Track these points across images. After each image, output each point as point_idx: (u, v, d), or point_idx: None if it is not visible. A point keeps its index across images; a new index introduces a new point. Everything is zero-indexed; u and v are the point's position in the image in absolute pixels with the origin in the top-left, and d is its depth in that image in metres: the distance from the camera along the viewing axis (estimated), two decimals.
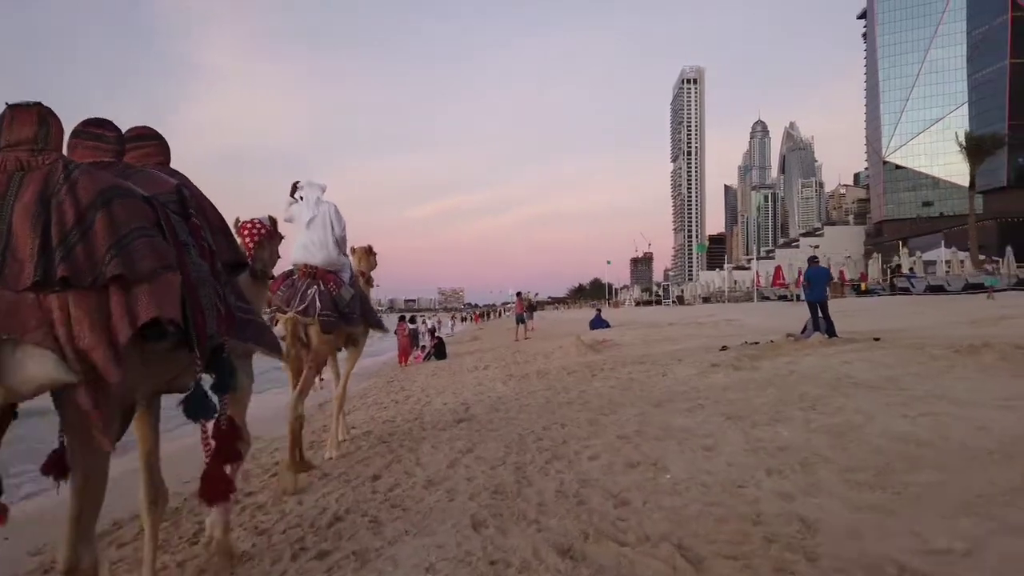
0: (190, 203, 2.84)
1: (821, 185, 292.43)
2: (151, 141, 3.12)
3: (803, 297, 31.94)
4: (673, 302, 62.27)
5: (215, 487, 2.91)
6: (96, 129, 2.81)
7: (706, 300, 60.15)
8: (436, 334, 22.33)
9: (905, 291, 31.89)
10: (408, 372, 14.92)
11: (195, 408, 2.70)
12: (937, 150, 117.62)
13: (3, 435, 2.38)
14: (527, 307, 26.15)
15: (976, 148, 47.49)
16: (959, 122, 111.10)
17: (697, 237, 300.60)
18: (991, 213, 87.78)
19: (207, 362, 2.69)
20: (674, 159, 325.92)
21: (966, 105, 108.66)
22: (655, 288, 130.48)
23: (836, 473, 3.92)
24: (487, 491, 4.50)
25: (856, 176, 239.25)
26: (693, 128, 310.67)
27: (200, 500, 3.02)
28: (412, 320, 22.32)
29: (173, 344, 2.47)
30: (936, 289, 30.71)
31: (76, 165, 2.33)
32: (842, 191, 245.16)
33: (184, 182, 2.96)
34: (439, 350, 19.35)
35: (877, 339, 10.37)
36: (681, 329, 18.64)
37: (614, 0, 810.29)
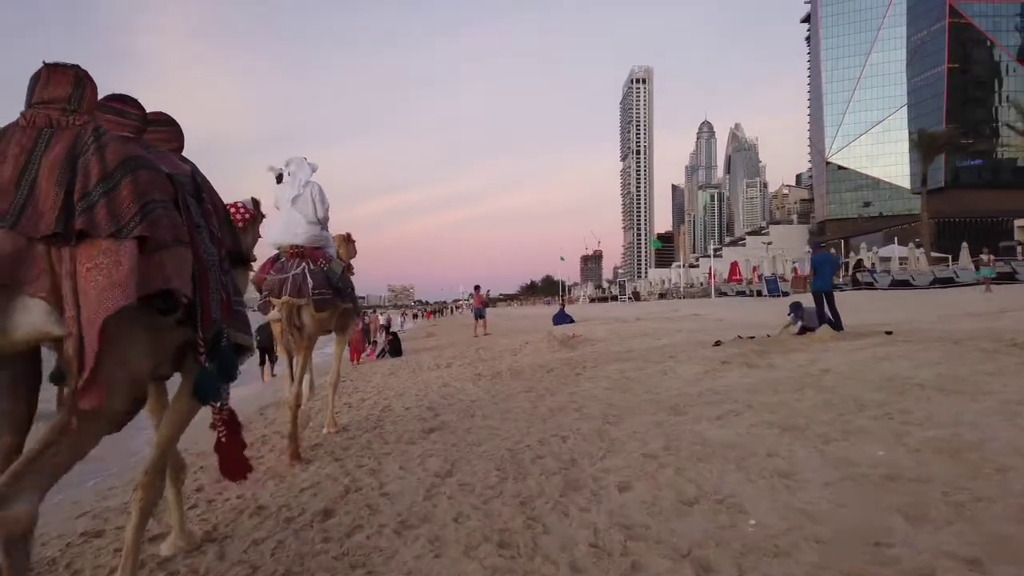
0: (203, 189, 2.91)
1: (765, 185, 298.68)
2: (167, 126, 3.10)
3: (766, 291, 31.93)
4: (629, 298, 61.61)
5: (237, 465, 3.17)
6: (118, 104, 2.72)
7: (662, 296, 59.77)
8: (391, 330, 20.76)
9: (869, 286, 31.59)
10: (361, 371, 13.40)
11: (205, 390, 2.80)
12: (878, 151, 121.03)
13: (36, 395, 2.31)
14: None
15: (929, 145, 47.92)
16: (899, 124, 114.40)
17: (647, 235, 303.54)
18: (930, 213, 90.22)
19: (211, 350, 2.73)
20: (623, 158, 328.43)
21: (905, 108, 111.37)
22: (607, 285, 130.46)
23: (1009, 518, 2.70)
24: (488, 542, 3.18)
25: (798, 177, 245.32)
26: (642, 127, 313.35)
27: (222, 477, 3.27)
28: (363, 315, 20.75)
29: (177, 321, 2.52)
30: (901, 284, 30.44)
31: (106, 132, 2.36)
32: (785, 191, 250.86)
33: (195, 169, 3.00)
34: (394, 347, 17.83)
35: (889, 332, 9.35)
36: (653, 324, 17.52)
37: None
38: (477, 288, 25.80)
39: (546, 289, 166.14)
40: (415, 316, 75.44)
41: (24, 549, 2.02)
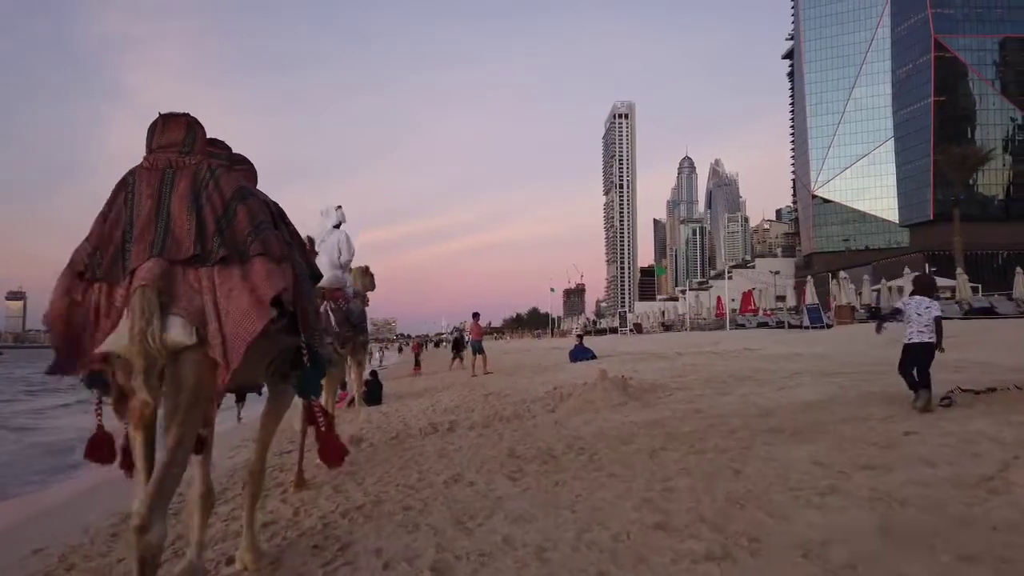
0: (286, 216, 3.26)
1: (746, 220, 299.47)
2: (245, 165, 3.38)
3: (807, 322, 28.06)
4: (631, 330, 57.76)
5: (335, 451, 3.44)
6: (211, 147, 2.98)
7: (667, 328, 55.90)
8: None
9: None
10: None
11: (309, 386, 3.29)
12: (864, 185, 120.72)
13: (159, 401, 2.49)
14: (457, 340, 20.37)
15: (961, 164, 45.09)
16: (884, 157, 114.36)
17: (630, 268, 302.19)
18: (917, 246, 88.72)
19: (309, 352, 3.09)
20: (607, 192, 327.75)
21: (892, 141, 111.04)
22: (590, 318, 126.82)
23: None
24: None
25: (778, 211, 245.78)
26: (625, 162, 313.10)
27: (322, 461, 3.61)
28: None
29: (282, 327, 2.82)
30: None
31: (217, 167, 2.78)
32: (766, 226, 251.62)
33: (276, 202, 3.23)
34: (372, 392, 13.66)
35: None
36: (715, 360, 13.54)
37: (546, 32, 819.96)
38: (476, 316, 21.23)
39: (532, 322, 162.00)
40: (400, 349, 71.78)
41: (158, 562, 2.49)
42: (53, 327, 2.52)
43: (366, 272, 7.85)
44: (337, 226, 6.40)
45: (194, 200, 2.59)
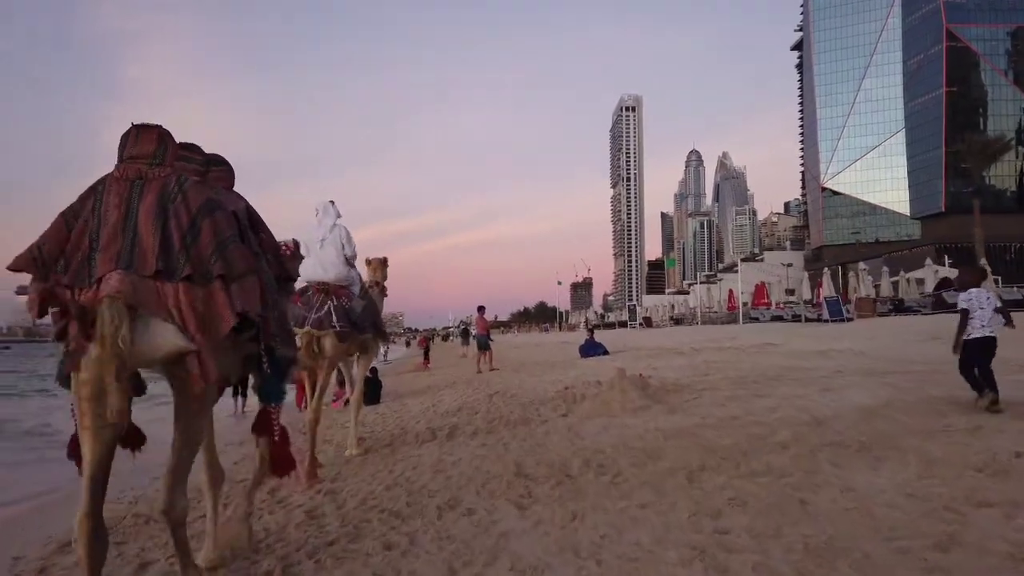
0: (257, 221, 3.36)
1: (754, 213, 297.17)
2: (222, 167, 3.48)
3: (827, 315, 26.94)
4: (640, 324, 56.65)
5: (286, 461, 3.53)
6: (186, 151, 3.13)
7: (677, 322, 54.73)
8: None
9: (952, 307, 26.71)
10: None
11: (271, 393, 3.30)
12: (874, 177, 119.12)
13: (131, 406, 2.58)
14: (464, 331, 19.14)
15: (982, 152, 43.81)
16: (895, 149, 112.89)
17: (638, 262, 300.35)
18: (929, 239, 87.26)
19: (269, 358, 3.15)
20: (614, 185, 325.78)
21: (903, 132, 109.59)
22: (598, 312, 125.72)
23: None
24: None
25: (787, 204, 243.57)
26: (632, 155, 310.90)
27: (273, 473, 3.58)
28: None
29: (249, 336, 2.96)
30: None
31: (185, 178, 2.82)
32: (774, 219, 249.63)
33: (248, 205, 3.38)
34: (371, 390, 12.77)
35: None
36: (738, 357, 12.54)
37: (550, 23, 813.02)
38: (481, 309, 19.94)
39: (540, 315, 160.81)
40: (407, 343, 71.22)
41: (184, 529, 2.83)
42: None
43: (384, 263, 7.86)
44: (335, 223, 6.37)
45: (160, 214, 2.64)
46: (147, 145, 2.76)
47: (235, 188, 3.54)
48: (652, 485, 4.15)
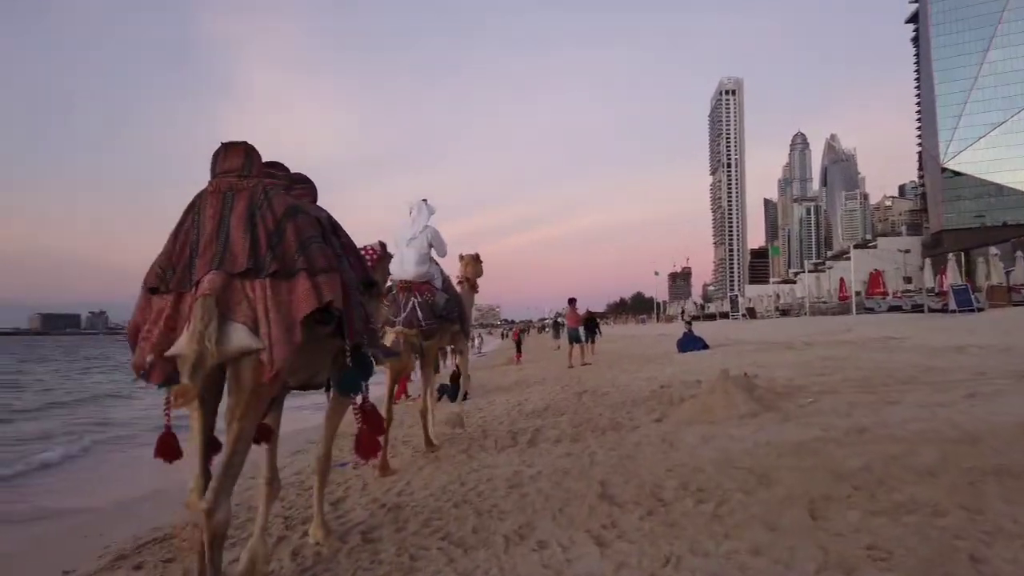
0: (339, 228, 3.56)
1: (866, 197, 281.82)
2: (305, 184, 3.70)
3: (955, 306, 24.64)
4: (743, 315, 54.30)
5: (369, 446, 3.58)
6: (272, 168, 3.43)
7: (783, 313, 52.03)
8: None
9: None
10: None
11: (348, 385, 3.48)
12: (1001, 155, 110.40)
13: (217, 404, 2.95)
14: (585, 321, 18.06)
15: None
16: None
17: (739, 251, 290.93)
18: None
19: (353, 355, 3.30)
20: (713, 171, 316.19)
21: None
22: (697, 302, 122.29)
23: None
24: None
25: (902, 187, 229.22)
26: (732, 140, 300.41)
27: (356, 455, 3.62)
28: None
29: (331, 331, 3.15)
30: None
31: (271, 188, 3.09)
32: (888, 203, 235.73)
33: (329, 215, 3.56)
34: (452, 387, 12.32)
35: None
36: (856, 353, 11.23)
37: (646, 8, 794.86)
38: (572, 302, 18.60)
39: (636, 306, 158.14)
40: (503, 335, 71.61)
41: (223, 542, 2.83)
42: (130, 340, 2.91)
43: (476, 259, 7.95)
44: (426, 224, 6.43)
45: (249, 219, 2.89)
46: (235, 160, 3.04)
47: (318, 203, 3.70)
48: (765, 521, 3.38)
